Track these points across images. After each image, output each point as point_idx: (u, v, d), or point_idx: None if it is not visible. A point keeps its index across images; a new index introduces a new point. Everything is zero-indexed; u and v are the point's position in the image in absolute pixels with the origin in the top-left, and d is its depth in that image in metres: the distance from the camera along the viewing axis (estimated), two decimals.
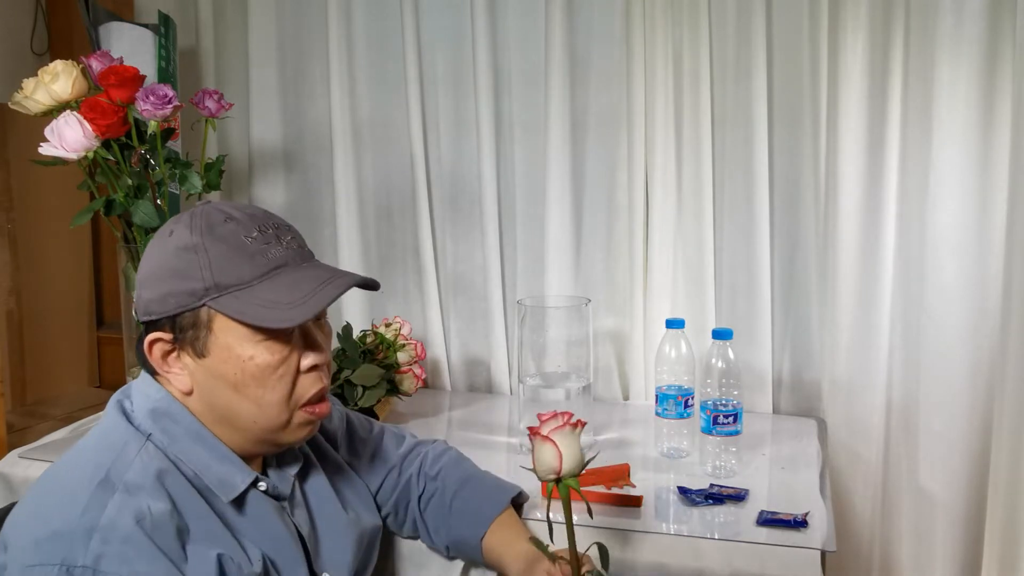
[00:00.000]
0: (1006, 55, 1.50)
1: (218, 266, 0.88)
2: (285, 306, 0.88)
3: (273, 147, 2.00)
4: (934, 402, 1.62)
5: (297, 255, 0.93)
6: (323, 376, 0.95)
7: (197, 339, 0.90)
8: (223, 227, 0.90)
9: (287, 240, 0.93)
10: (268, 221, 0.93)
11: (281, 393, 0.92)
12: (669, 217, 1.74)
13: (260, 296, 0.88)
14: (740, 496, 1.30)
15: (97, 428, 0.95)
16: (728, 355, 1.40)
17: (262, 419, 0.92)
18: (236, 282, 0.88)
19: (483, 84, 1.80)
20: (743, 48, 1.66)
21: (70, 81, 1.47)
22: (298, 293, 0.89)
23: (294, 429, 0.95)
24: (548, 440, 0.91)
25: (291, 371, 0.92)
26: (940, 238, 1.58)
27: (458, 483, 1.17)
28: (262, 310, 0.87)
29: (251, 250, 0.89)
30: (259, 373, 0.90)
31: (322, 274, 0.92)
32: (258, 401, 0.91)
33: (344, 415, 1.19)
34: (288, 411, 0.93)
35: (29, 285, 2.09)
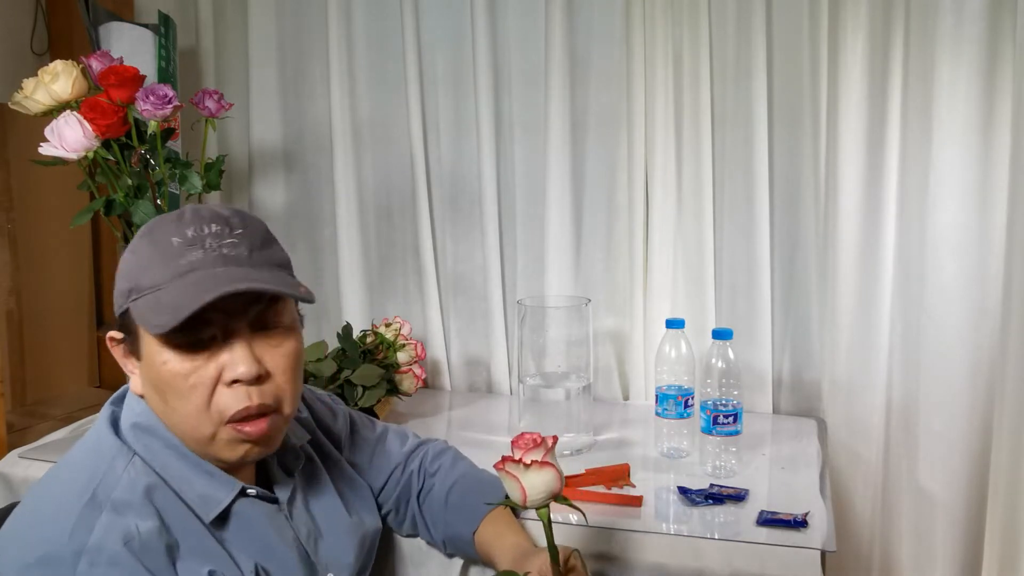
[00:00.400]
0: (1006, 55, 1.50)
1: (141, 267, 0.87)
2: (166, 310, 0.83)
3: (273, 147, 2.00)
4: (934, 402, 1.62)
5: (221, 258, 0.86)
6: (253, 395, 0.88)
7: (131, 341, 0.90)
8: (163, 228, 0.87)
9: (222, 243, 0.86)
10: (212, 223, 0.87)
11: (195, 404, 0.87)
12: (669, 217, 1.74)
13: (161, 300, 0.84)
14: (740, 496, 1.30)
15: (86, 440, 0.93)
16: (728, 355, 1.40)
17: (186, 429, 0.89)
18: (150, 284, 0.85)
19: (483, 84, 1.80)
20: (743, 48, 1.66)
21: (70, 81, 1.47)
22: (181, 298, 0.83)
23: (224, 446, 0.90)
24: (511, 476, 0.90)
25: (205, 381, 0.87)
26: (940, 238, 1.58)
27: (455, 479, 1.17)
28: (153, 313, 0.84)
29: (174, 251, 0.86)
30: (172, 379, 0.86)
31: (221, 280, 0.84)
32: (176, 410, 0.88)
33: (347, 416, 1.19)
34: (210, 425, 0.88)
35: (29, 285, 2.09)
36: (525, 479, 0.89)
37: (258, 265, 0.88)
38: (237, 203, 2.05)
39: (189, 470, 0.90)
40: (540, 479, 0.90)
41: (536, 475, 0.90)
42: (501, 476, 0.91)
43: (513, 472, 0.90)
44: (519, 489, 0.90)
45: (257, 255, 0.89)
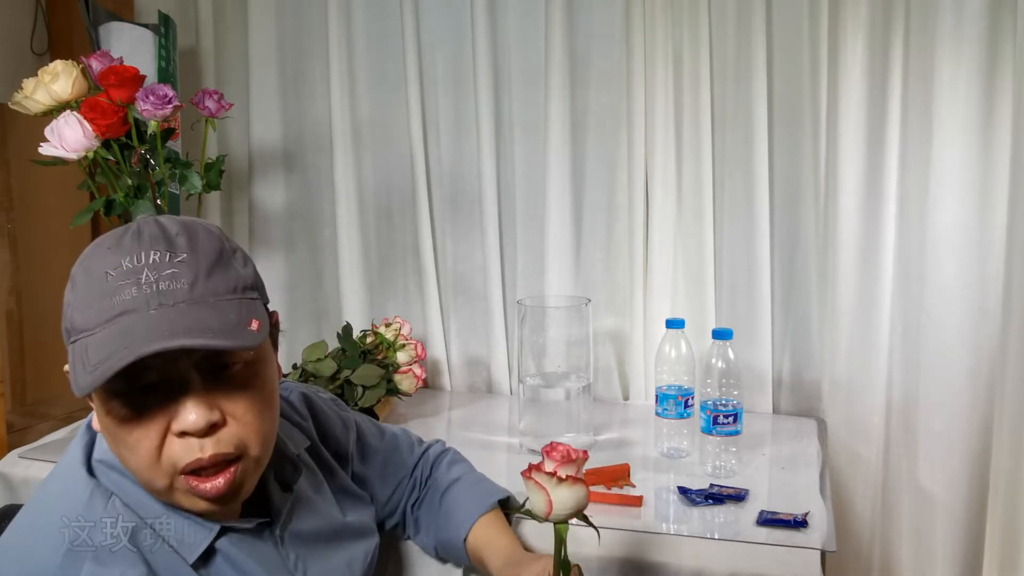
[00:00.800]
0: (1006, 55, 1.50)
1: (75, 306, 0.77)
2: (90, 368, 0.72)
3: (273, 147, 2.00)
4: (934, 402, 1.62)
5: (156, 296, 0.75)
6: (205, 446, 0.77)
7: None
8: (100, 257, 0.77)
9: (160, 275, 0.76)
10: (152, 249, 0.77)
11: (144, 456, 0.77)
12: (669, 217, 1.74)
13: (89, 349, 0.74)
14: (740, 496, 1.30)
15: (59, 472, 0.86)
16: (728, 355, 1.40)
17: (142, 478, 0.80)
18: (83, 327, 0.75)
19: (483, 84, 1.80)
20: (743, 48, 1.66)
21: (70, 81, 1.47)
22: (105, 352, 0.72)
23: (183, 498, 0.80)
24: (540, 487, 0.88)
25: (153, 434, 0.76)
26: (940, 238, 1.58)
27: (448, 483, 1.16)
28: (79, 364, 0.74)
29: (107, 288, 0.75)
30: (115, 431, 0.77)
31: (153, 330, 0.73)
32: (127, 460, 0.79)
33: (354, 426, 1.13)
34: (164, 476, 0.78)
35: (29, 285, 2.09)
36: (555, 493, 0.87)
37: (199, 301, 0.76)
38: (237, 204, 2.05)
39: (163, 509, 0.82)
40: (570, 495, 0.88)
41: (567, 491, 0.87)
42: (527, 485, 0.89)
43: (543, 483, 0.87)
44: (546, 502, 0.87)
45: (201, 286, 0.77)
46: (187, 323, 0.74)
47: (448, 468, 1.19)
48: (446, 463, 1.21)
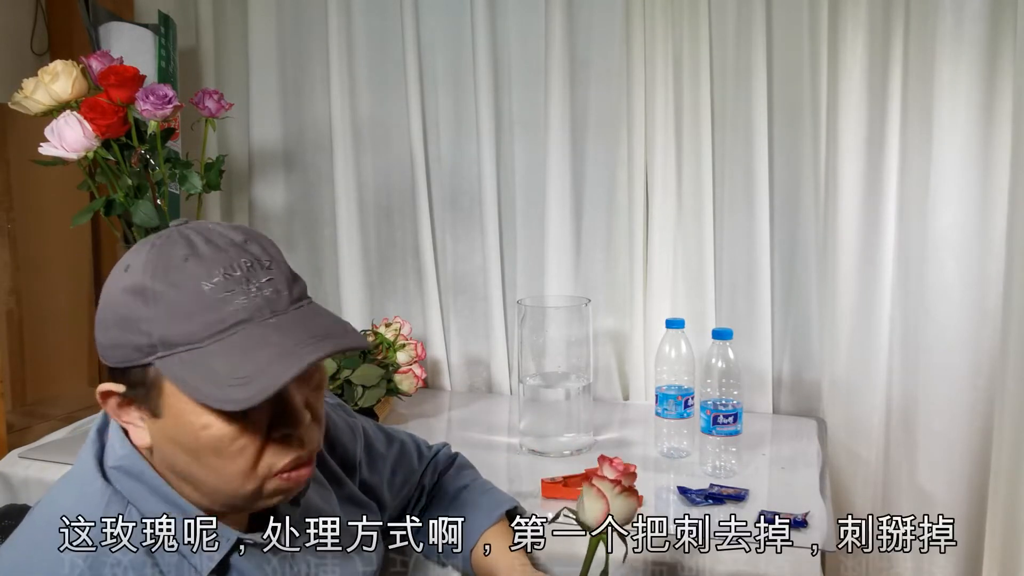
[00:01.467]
0: (1007, 55, 1.50)
1: (165, 320, 0.74)
2: (234, 382, 0.73)
3: (273, 147, 2.00)
4: (934, 402, 1.62)
5: (267, 304, 0.76)
6: (304, 441, 0.81)
7: (148, 398, 0.78)
8: (182, 269, 0.75)
9: (260, 283, 0.77)
10: (240, 258, 0.77)
11: (242, 465, 0.78)
12: (669, 217, 1.74)
13: (208, 362, 0.74)
14: (740, 496, 1.30)
15: (72, 478, 0.86)
16: (728, 355, 1.40)
17: (225, 488, 0.80)
18: (185, 340, 0.74)
19: (483, 84, 1.80)
20: (743, 48, 1.66)
21: (70, 81, 1.47)
22: (250, 366, 0.73)
23: (269, 497, 0.82)
24: (599, 494, 0.87)
25: (254, 442, 0.78)
26: (940, 238, 1.58)
27: (455, 492, 1.15)
28: (205, 384, 0.73)
29: (207, 301, 0.74)
30: (215, 444, 0.77)
31: (287, 340, 0.75)
32: (218, 472, 0.79)
33: (361, 432, 1.11)
34: (255, 481, 0.80)
35: (29, 285, 2.09)
36: (615, 502, 0.87)
37: (298, 306, 0.79)
38: (237, 203, 2.05)
39: (179, 517, 0.82)
40: (626, 506, 0.88)
41: (624, 502, 0.87)
42: (585, 490, 0.87)
43: (604, 491, 0.86)
44: (603, 510, 0.86)
45: (293, 291, 0.80)
46: (313, 330, 0.77)
47: (456, 475, 1.18)
48: (454, 469, 1.20)
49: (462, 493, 1.15)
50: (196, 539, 0.81)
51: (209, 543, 0.82)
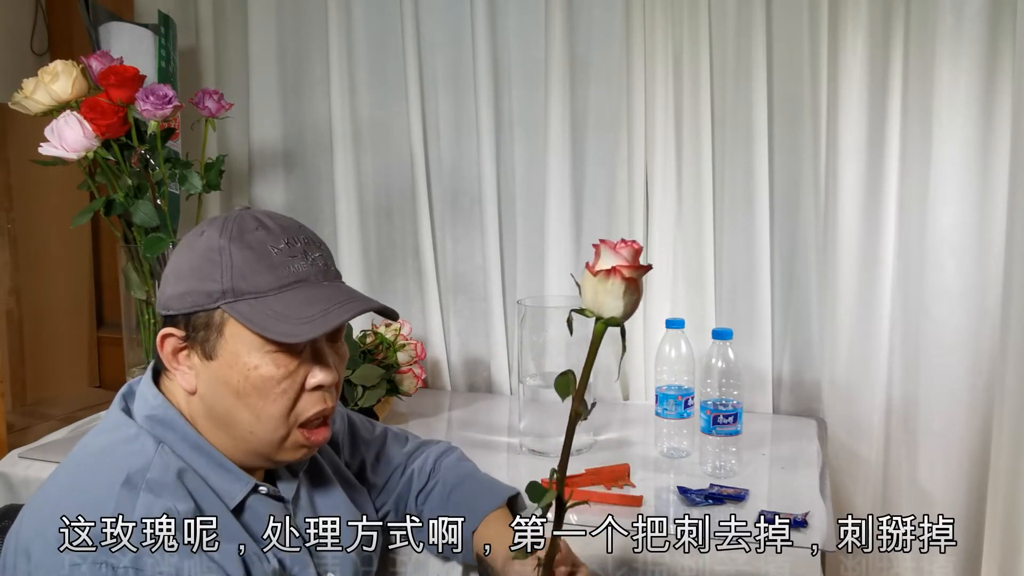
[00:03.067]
0: (1006, 55, 1.50)
1: (239, 271, 0.88)
2: (295, 320, 0.87)
3: (273, 147, 2.00)
4: (934, 402, 1.62)
5: (321, 272, 0.92)
6: (327, 398, 0.94)
7: (207, 340, 0.90)
8: (253, 234, 0.90)
9: (314, 256, 0.92)
10: (299, 235, 0.92)
11: (281, 407, 0.91)
12: (669, 217, 1.74)
13: (273, 307, 0.87)
14: (740, 496, 1.30)
15: (105, 427, 0.94)
16: (728, 355, 1.40)
17: (259, 430, 0.92)
18: (253, 290, 0.88)
19: (483, 84, 1.80)
20: (743, 48, 1.66)
21: (70, 81, 1.47)
22: (310, 310, 0.88)
23: (289, 449, 0.94)
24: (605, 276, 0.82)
25: (295, 387, 0.91)
26: (940, 238, 1.58)
27: (457, 480, 1.17)
28: (272, 320, 0.87)
29: (275, 260, 0.89)
30: (262, 384, 0.89)
31: (339, 295, 0.91)
32: (257, 412, 0.90)
33: (346, 417, 1.19)
34: (286, 427, 0.92)
35: (29, 285, 2.09)
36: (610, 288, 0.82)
37: (341, 279, 0.95)
38: (237, 203, 2.05)
39: (204, 463, 0.92)
40: (619, 294, 0.83)
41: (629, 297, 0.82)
42: (598, 282, 0.83)
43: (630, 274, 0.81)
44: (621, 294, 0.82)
45: (336, 267, 0.95)
46: (356, 294, 0.93)
47: (456, 464, 1.20)
48: (455, 458, 1.22)
49: (466, 480, 1.17)
50: (217, 480, 0.91)
51: (230, 483, 0.92)
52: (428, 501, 1.17)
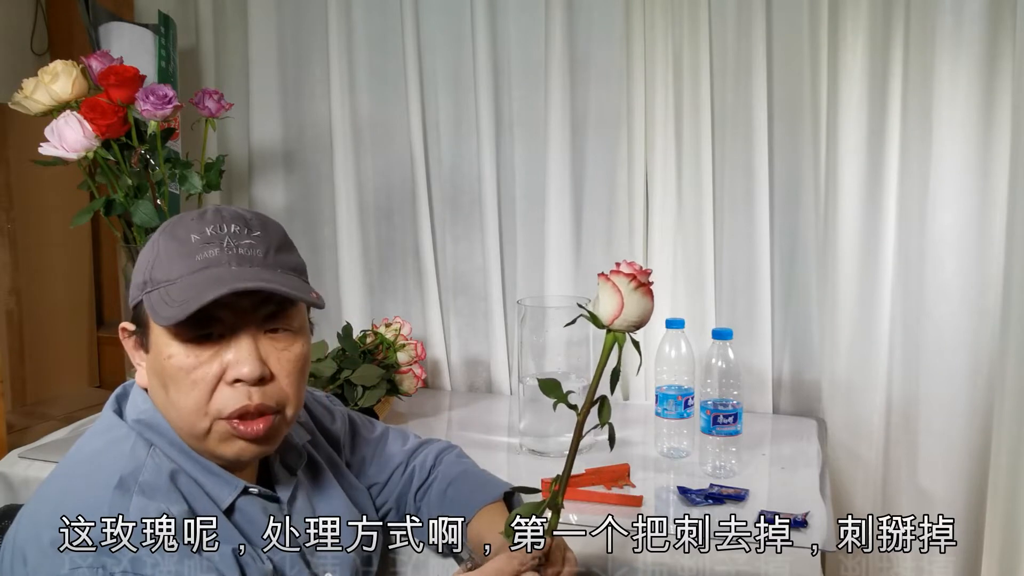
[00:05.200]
0: (1006, 54, 1.50)
1: (158, 262, 0.88)
2: (176, 304, 0.84)
3: (273, 147, 2.00)
4: (934, 402, 1.62)
5: (235, 258, 0.87)
6: (253, 394, 0.88)
7: (144, 334, 0.91)
8: (184, 224, 0.89)
9: (240, 243, 0.88)
10: (234, 224, 0.89)
11: (194, 399, 0.88)
12: (669, 216, 1.74)
13: (171, 294, 0.86)
14: (740, 496, 1.30)
15: (97, 431, 0.94)
16: (728, 355, 1.40)
17: (182, 423, 0.90)
18: (164, 278, 0.87)
19: (483, 83, 1.80)
20: (743, 47, 1.66)
21: (70, 81, 1.47)
22: (193, 291, 0.84)
23: (218, 442, 0.90)
24: (614, 288, 0.88)
25: (208, 378, 0.87)
26: (940, 238, 1.58)
27: (455, 475, 1.17)
28: (163, 305, 0.85)
29: (191, 248, 0.87)
30: (175, 373, 0.87)
31: (233, 277, 0.86)
32: (176, 403, 0.89)
33: (346, 416, 1.19)
34: (206, 419, 0.88)
35: (29, 285, 2.09)
36: (629, 298, 0.87)
37: (272, 267, 0.90)
38: (237, 203, 2.05)
39: (192, 467, 0.91)
40: (641, 304, 0.88)
41: (639, 299, 0.88)
42: (601, 285, 0.88)
43: (619, 285, 0.87)
44: (618, 305, 0.87)
45: (273, 258, 0.90)
46: (264, 277, 0.87)
47: (456, 460, 1.21)
48: (454, 455, 1.22)
49: (463, 475, 1.16)
50: (207, 482, 0.91)
51: (219, 486, 0.91)
52: (427, 497, 1.17)
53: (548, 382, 0.94)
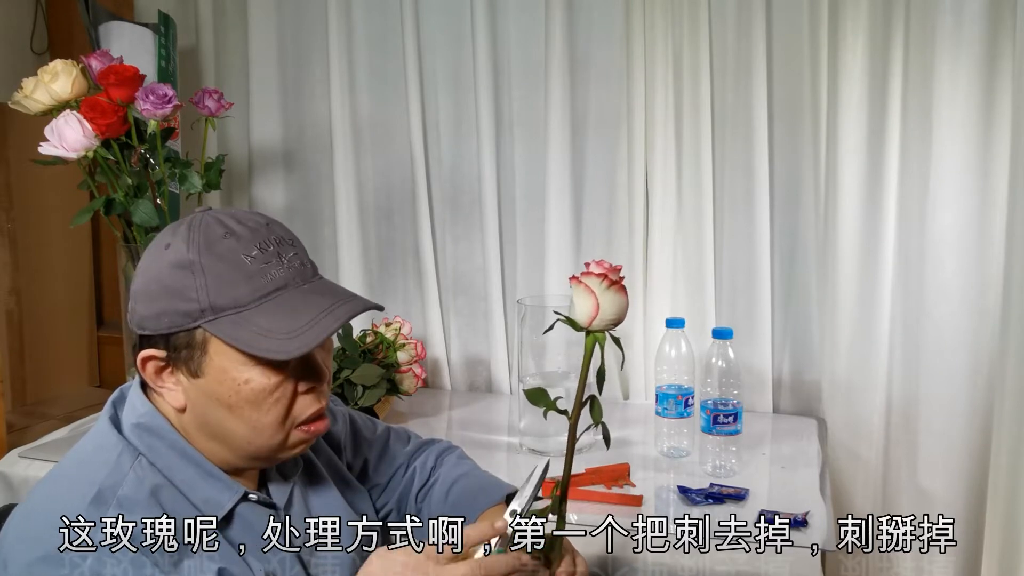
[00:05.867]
0: (1006, 54, 1.50)
1: (214, 287, 0.84)
2: (283, 336, 0.84)
3: (273, 146, 2.00)
4: (934, 402, 1.62)
5: (298, 274, 0.89)
6: (321, 396, 0.92)
7: (191, 359, 0.87)
8: (222, 244, 0.86)
9: (289, 257, 0.89)
10: (270, 236, 0.89)
11: (277, 415, 0.89)
12: (669, 216, 1.74)
13: (256, 321, 0.84)
14: (740, 496, 1.30)
15: (89, 438, 0.93)
16: (728, 354, 1.39)
17: (257, 439, 0.90)
18: (232, 304, 0.84)
19: (483, 83, 1.80)
20: (743, 47, 1.66)
21: (70, 80, 1.47)
22: (297, 321, 0.85)
23: (291, 447, 0.93)
24: (588, 291, 0.87)
25: (288, 394, 0.89)
26: (940, 238, 1.58)
27: (456, 477, 1.16)
28: (259, 337, 0.84)
29: (250, 270, 0.85)
30: (254, 396, 0.87)
31: (323, 300, 0.88)
32: (253, 423, 0.88)
33: (347, 417, 1.17)
34: (284, 431, 0.90)
35: (29, 285, 2.09)
36: (603, 297, 0.86)
37: (319, 277, 0.93)
38: (237, 203, 2.05)
39: (192, 472, 0.90)
40: (615, 301, 0.87)
41: (613, 296, 0.87)
42: (574, 288, 0.88)
43: (592, 286, 0.86)
44: (593, 305, 0.87)
45: (312, 265, 0.93)
46: (339, 294, 0.90)
47: (457, 462, 1.20)
48: (455, 456, 1.21)
49: (464, 478, 1.16)
50: (205, 490, 0.90)
51: (219, 492, 0.91)
52: (428, 498, 1.17)
53: (534, 392, 0.95)
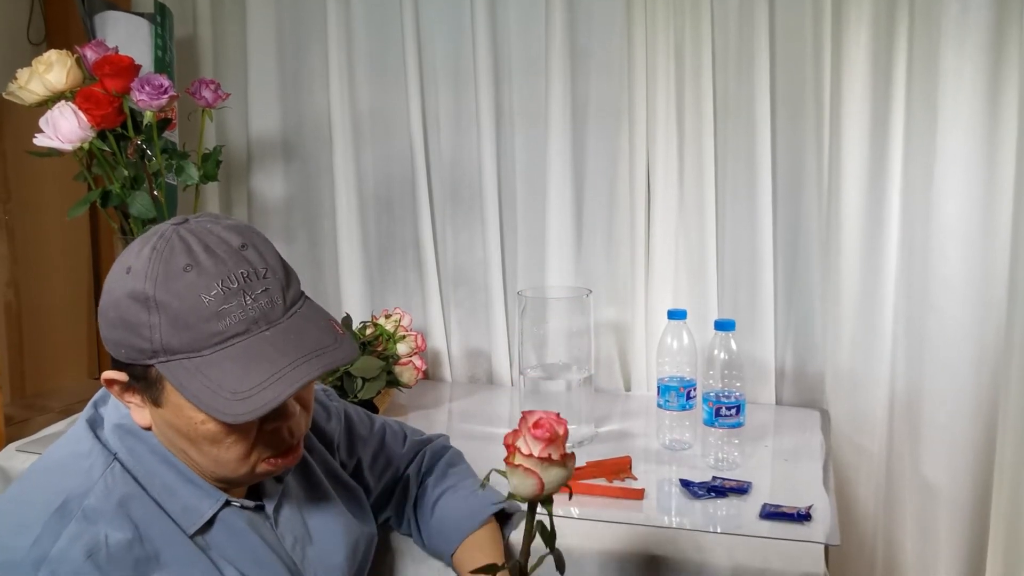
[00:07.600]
0: (1012, 43, 1.48)
1: (168, 329, 0.79)
2: (229, 396, 0.78)
3: (272, 138, 1.99)
4: (938, 394, 1.61)
5: (263, 316, 0.80)
6: (292, 429, 0.87)
7: (149, 390, 0.84)
8: (181, 279, 0.79)
9: (256, 294, 0.81)
10: (237, 269, 0.80)
11: (238, 452, 0.85)
12: (671, 207, 1.73)
13: (208, 373, 0.79)
14: (743, 489, 1.30)
15: (64, 442, 0.90)
16: (730, 346, 1.38)
17: (220, 471, 0.87)
18: (187, 348, 0.79)
19: (483, 75, 1.79)
20: (745, 37, 1.65)
21: (64, 71, 1.46)
22: (247, 381, 0.78)
23: (258, 476, 0.90)
24: (530, 472, 0.82)
25: (248, 435, 0.85)
26: (944, 229, 1.56)
27: (441, 493, 1.15)
28: (208, 392, 0.78)
29: (206, 312, 0.78)
30: (212, 436, 0.83)
31: (282, 357, 0.80)
32: (214, 457, 0.85)
33: (343, 414, 1.14)
34: (249, 464, 0.87)
35: (27, 277, 2.08)
36: (546, 473, 0.82)
37: (291, 314, 0.83)
38: (235, 195, 2.04)
39: (173, 478, 0.88)
40: (560, 474, 0.83)
41: (557, 470, 0.83)
42: (512, 472, 0.83)
43: (532, 468, 0.82)
44: (536, 484, 0.82)
45: (288, 298, 0.83)
46: (306, 345, 0.82)
47: (444, 472, 1.18)
48: (443, 464, 1.19)
49: (446, 495, 1.14)
50: (185, 496, 0.88)
51: (199, 499, 0.88)
52: (418, 510, 1.16)
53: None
